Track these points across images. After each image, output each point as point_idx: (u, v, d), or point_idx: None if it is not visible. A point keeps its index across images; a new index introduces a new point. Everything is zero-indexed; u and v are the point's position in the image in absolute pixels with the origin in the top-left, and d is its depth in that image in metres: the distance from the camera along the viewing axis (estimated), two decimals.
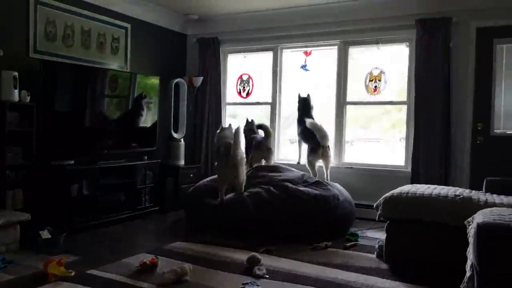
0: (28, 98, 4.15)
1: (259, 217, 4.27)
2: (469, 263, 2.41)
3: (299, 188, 4.48)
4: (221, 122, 6.09)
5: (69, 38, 4.84)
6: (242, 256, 3.55)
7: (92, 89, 4.84)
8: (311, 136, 5.05)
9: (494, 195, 3.52)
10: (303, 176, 4.83)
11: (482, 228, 2.23)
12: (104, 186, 4.79)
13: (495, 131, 4.78)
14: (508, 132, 4.73)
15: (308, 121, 5.05)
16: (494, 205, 3.15)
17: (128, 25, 5.58)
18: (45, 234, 3.85)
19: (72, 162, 4.53)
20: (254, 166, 5.04)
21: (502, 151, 4.71)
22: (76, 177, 4.51)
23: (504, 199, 3.36)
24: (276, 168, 4.96)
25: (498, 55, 4.78)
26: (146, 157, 5.42)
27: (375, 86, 5.42)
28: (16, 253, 3.67)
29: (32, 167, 4.19)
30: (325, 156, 5.00)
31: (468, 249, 2.50)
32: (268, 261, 3.51)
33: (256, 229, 4.25)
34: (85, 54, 5.03)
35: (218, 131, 4.91)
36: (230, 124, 5.09)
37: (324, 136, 4.97)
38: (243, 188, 4.51)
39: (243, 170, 4.55)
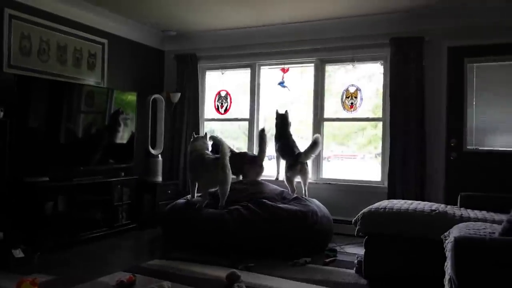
0: (2, 113, 4.05)
1: (238, 233, 4.26)
2: (447, 277, 2.44)
3: (278, 205, 4.50)
4: None
5: (44, 53, 4.78)
6: (221, 273, 3.51)
7: (67, 104, 4.78)
8: (289, 152, 5.10)
9: (469, 210, 3.61)
10: (282, 193, 4.87)
11: (459, 242, 2.27)
12: (79, 203, 4.70)
13: (467, 147, 4.92)
14: (480, 148, 4.87)
15: (315, 136, 5.13)
16: (469, 219, 3.23)
17: (105, 41, 5.55)
18: (18, 253, 3.74)
19: (47, 178, 4.43)
20: (239, 181, 5.13)
21: (475, 167, 4.84)
22: (51, 194, 4.40)
23: (478, 213, 3.44)
24: (256, 184, 4.97)
25: (468, 74, 4.94)
26: (123, 174, 5.34)
27: (352, 103, 5.51)
28: None
29: (5, 184, 4.07)
30: (303, 172, 5.05)
31: (446, 263, 2.54)
32: (248, 278, 3.48)
33: (235, 246, 4.23)
34: (61, 69, 4.97)
35: (192, 139, 5.05)
36: (206, 133, 5.26)
37: (313, 154, 5.04)
38: (225, 199, 4.59)
39: (230, 177, 4.63)
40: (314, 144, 5.02)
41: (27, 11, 4.56)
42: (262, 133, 5.25)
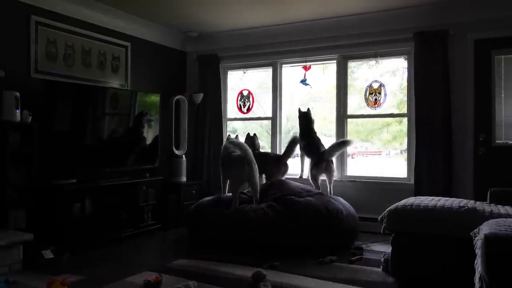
0: (30, 118, 4.14)
1: (263, 232, 4.26)
2: (477, 275, 2.39)
3: (302, 202, 4.45)
4: (222, 137, 6.12)
5: (70, 57, 4.87)
6: (246, 272, 3.51)
7: (93, 107, 4.85)
8: (314, 150, 5.07)
9: (499, 206, 3.51)
10: (307, 188, 4.84)
11: (490, 240, 2.21)
12: (106, 205, 4.78)
13: (496, 141, 4.79)
14: (510, 142, 4.73)
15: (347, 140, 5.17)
16: (499, 215, 3.14)
17: (128, 44, 5.62)
18: (48, 254, 3.83)
19: (74, 181, 4.51)
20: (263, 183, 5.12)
21: (505, 161, 4.71)
22: (78, 196, 4.50)
23: (509, 209, 3.34)
24: (281, 183, 4.95)
25: (496, 66, 4.81)
26: (148, 175, 5.40)
27: (375, 99, 5.44)
28: (19, 273, 3.63)
29: (34, 186, 4.17)
30: (328, 170, 5.01)
31: (476, 261, 2.48)
32: (273, 276, 3.47)
33: (260, 245, 4.23)
34: (86, 73, 5.06)
35: (226, 140, 5.18)
36: (237, 135, 5.33)
37: (338, 152, 5.11)
38: (258, 193, 4.64)
39: (256, 172, 4.64)
40: (342, 144, 5.03)
41: (53, 17, 4.66)
42: (294, 141, 5.25)
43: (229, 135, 5.40)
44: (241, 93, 6.33)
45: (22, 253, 3.75)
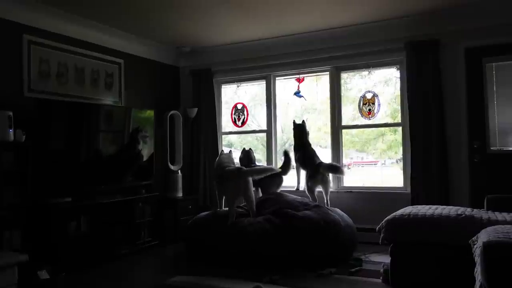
0: (23, 137, 4.11)
1: (261, 246, 4.22)
2: (477, 283, 2.37)
3: (300, 214, 4.44)
4: (217, 151, 6.10)
5: (63, 76, 4.86)
6: (246, 287, 3.48)
7: (87, 125, 4.84)
8: (310, 162, 5.06)
9: (496, 213, 3.50)
10: (304, 201, 4.83)
11: (488, 247, 2.20)
12: (102, 222, 4.73)
13: (491, 148, 4.80)
14: (504, 149, 4.75)
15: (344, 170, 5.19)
16: (497, 222, 3.13)
17: (121, 61, 5.63)
18: (44, 275, 3.77)
19: (69, 199, 4.47)
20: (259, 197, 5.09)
21: (500, 168, 4.72)
22: (74, 214, 4.46)
23: (506, 216, 3.34)
24: (277, 196, 4.93)
25: (488, 74, 4.84)
26: (143, 191, 5.37)
27: (369, 109, 5.46)
28: None
29: (29, 206, 4.12)
30: (324, 182, 4.99)
31: (475, 269, 2.47)
32: None
33: (258, 258, 4.19)
34: (79, 91, 5.05)
35: (219, 155, 5.11)
36: (230, 151, 5.26)
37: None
38: (254, 206, 4.64)
39: (251, 185, 4.66)
40: (336, 170, 5.03)
41: (45, 36, 4.66)
42: (286, 153, 5.26)
43: (222, 150, 5.38)
44: (235, 106, 6.34)
45: (18, 274, 3.69)
